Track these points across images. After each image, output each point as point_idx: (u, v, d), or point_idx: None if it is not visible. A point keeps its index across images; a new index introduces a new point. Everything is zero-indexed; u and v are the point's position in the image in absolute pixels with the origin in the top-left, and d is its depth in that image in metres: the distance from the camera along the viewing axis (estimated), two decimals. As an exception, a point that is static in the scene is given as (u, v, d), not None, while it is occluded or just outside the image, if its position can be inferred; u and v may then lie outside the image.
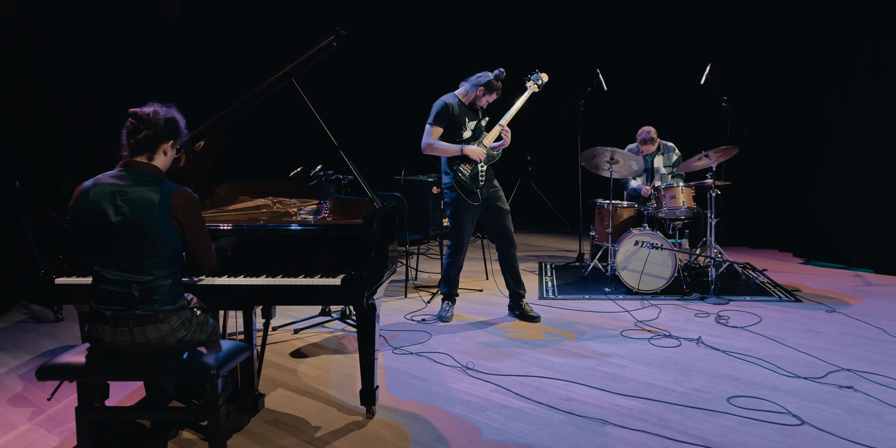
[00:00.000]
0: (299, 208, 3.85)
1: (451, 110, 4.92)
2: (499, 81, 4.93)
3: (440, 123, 4.94)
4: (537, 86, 5.27)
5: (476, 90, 4.92)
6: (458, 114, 4.94)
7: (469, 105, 5.00)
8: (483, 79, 4.90)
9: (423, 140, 4.97)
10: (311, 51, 3.50)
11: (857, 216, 6.83)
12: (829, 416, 3.38)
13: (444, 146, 4.94)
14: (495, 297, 5.90)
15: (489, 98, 4.97)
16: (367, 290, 3.17)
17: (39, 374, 2.70)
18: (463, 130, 4.98)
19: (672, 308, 5.44)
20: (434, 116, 4.94)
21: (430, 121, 4.95)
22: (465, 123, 4.98)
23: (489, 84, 4.89)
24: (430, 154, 5.03)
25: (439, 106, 4.94)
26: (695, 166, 5.90)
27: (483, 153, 4.95)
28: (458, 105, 4.95)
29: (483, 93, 4.92)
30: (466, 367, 4.16)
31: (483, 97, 4.95)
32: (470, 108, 5.03)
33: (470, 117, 5.02)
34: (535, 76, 5.27)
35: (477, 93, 4.93)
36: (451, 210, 5.09)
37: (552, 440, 3.20)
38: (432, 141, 4.94)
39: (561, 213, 9.62)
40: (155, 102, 2.82)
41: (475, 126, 5.05)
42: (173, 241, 2.72)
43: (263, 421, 3.45)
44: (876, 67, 6.59)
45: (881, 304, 5.51)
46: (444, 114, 4.92)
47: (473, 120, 5.05)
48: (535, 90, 5.28)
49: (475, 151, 4.91)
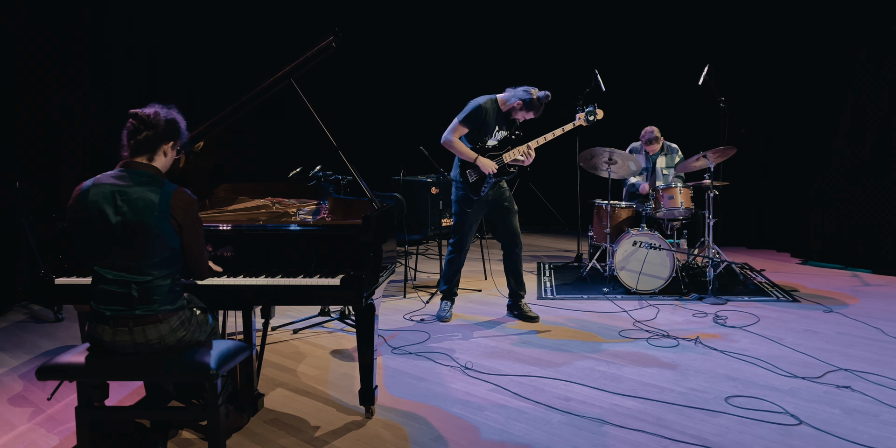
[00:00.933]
0: (298, 209, 3.87)
1: (483, 114, 4.86)
2: (541, 103, 4.82)
3: (468, 124, 4.90)
4: (587, 121, 5.13)
5: (515, 102, 4.83)
6: (489, 119, 4.89)
7: (506, 113, 4.92)
8: (527, 95, 4.79)
9: (445, 133, 4.93)
10: (310, 52, 3.51)
11: (855, 216, 6.85)
12: (827, 416, 3.40)
13: (461, 148, 4.91)
14: (494, 297, 5.92)
15: (525, 114, 4.88)
16: (366, 291, 3.17)
17: (39, 373, 2.71)
18: (488, 137, 4.94)
19: (670, 308, 5.45)
20: (465, 115, 4.89)
21: (460, 118, 4.90)
22: (494, 131, 4.94)
23: (530, 102, 4.80)
24: (448, 148, 5.01)
25: (473, 106, 4.88)
26: (693, 167, 5.91)
27: (494, 168, 4.90)
28: (493, 110, 4.89)
29: (520, 107, 4.83)
30: (465, 366, 4.17)
31: (519, 111, 4.86)
32: (505, 117, 4.95)
33: (501, 126, 4.96)
34: (590, 110, 5.13)
35: (515, 105, 4.84)
36: (457, 207, 5.10)
37: (551, 440, 3.21)
38: (453, 138, 4.91)
39: (559, 214, 9.63)
40: (156, 103, 2.83)
41: (503, 137, 4.99)
42: (172, 242, 2.72)
43: (263, 421, 3.45)
44: (875, 68, 6.60)
45: (879, 304, 5.53)
46: (474, 115, 4.87)
47: (504, 130, 4.98)
48: (583, 124, 5.14)
49: (487, 165, 4.88)
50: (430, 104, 4.91)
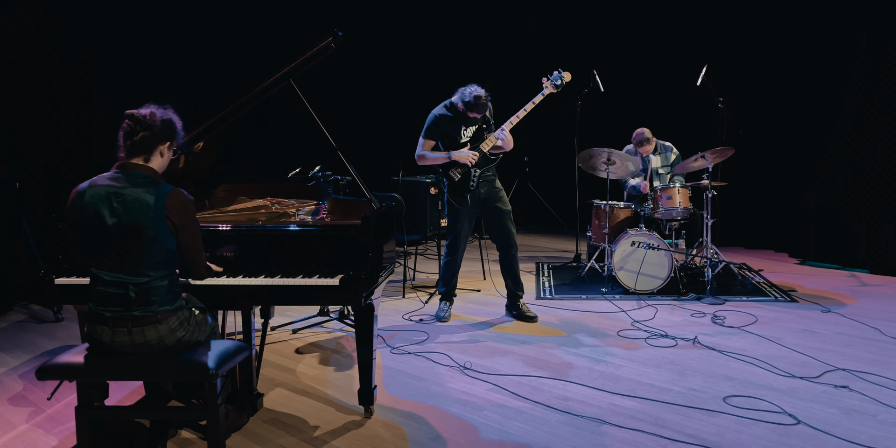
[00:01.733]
0: (298, 209, 3.87)
1: (443, 121, 4.95)
2: (478, 102, 4.78)
3: (431, 136, 4.99)
4: (555, 86, 5.07)
5: (460, 106, 4.87)
6: (450, 123, 4.95)
7: (464, 112, 4.93)
8: (466, 96, 4.79)
9: (415, 152, 5.02)
10: (309, 52, 3.52)
11: (853, 217, 6.86)
12: (825, 416, 3.40)
13: (433, 156, 4.98)
14: (493, 297, 5.92)
15: (473, 114, 4.89)
16: (365, 291, 3.18)
17: (39, 373, 2.71)
18: (459, 138, 4.99)
19: (668, 308, 5.46)
20: (425, 130, 5.00)
21: (423, 134, 5.01)
22: (461, 131, 4.98)
23: (468, 104, 4.80)
24: (424, 164, 5.06)
25: (430, 120, 4.99)
26: (691, 167, 5.92)
27: (474, 156, 4.92)
28: (450, 113, 4.95)
29: (463, 109, 4.86)
30: (464, 366, 4.17)
31: (467, 111, 4.87)
32: (466, 116, 4.96)
33: (468, 123, 4.99)
34: (556, 76, 5.08)
35: (461, 108, 4.87)
36: (449, 209, 5.12)
37: (549, 439, 3.22)
38: (423, 152, 5.00)
39: (558, 214, 9.64)
40: (152, 104, 2.82)
41: (475, 131, 5.03)
42: (169, 243, 2.72)
43: (262, 420, 3.46)
44: (872, 69, 6.61)
45: (876, 304, 5.54)
46: (433, 127, 4.97)
47: (473, 124, 5.02)
48: (553, 91, 5.08)
49: (463, 156, 4.91)
50: (429, 105, 4.91)
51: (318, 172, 4.71)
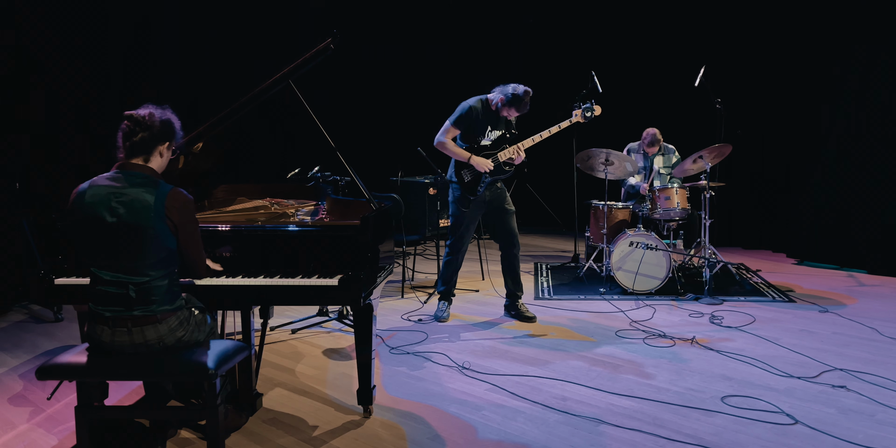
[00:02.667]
0: (297, 209, 3.88)
1: (474, 114, 4.91)
2: (522, 99, 4.81)
3: (458, 125, 4.96)
4: (584, 117, 5.09)
5: (499, 100, 4.88)
6: (480, 119, 4.93)
7: (495, 112, 4.95)
8: (509, 91, 4.82)
9: (437, 135, 4.99)
10: (308, 53, 3.53)
11: (850, 217, 6.87)
12: (823, 416, 3.42)
13: (454, 149, 4.96)
14: (492, 297, 5.93)
15: (510, 111, 4.90)
16: (364, 291, 3.19)
17: (39, 373, 2.72)
18: (481, 137, 4.98)
19: (666, 308, 5.47)
20: (455, 117, 4.95)
21: (451, 120, 4.96)
22: (487, 131, 4.97)
23: (511, 99, 4.81)
24: (440, 151, 5.05)
25: (463, 108, 4.94)
26: (689, 169, 5.94)
27: (490, 165, 4.93)
28: (483, 110, 4.94)
29: (503, 103, 4.86)
30: (463, 366, 4.18)
31: (504, 108, 4.88)
32: (496, 116, 4.98)
33: (494, 125, 4.99)
34: (587, 106, 5.09)
35: (499, 102, 4.88)
36: (454, 208, 5.12)
37: (548, 439, 3.23)
38: (445, 140, 4.97)
39: (556, 214, 9.65)
40: (150, 105, 2.83)
41: (498, 137, 5.02)
42: (169, 242, 2.73)
43: (261, 420, 3.47)
44: (869, 70, 6.63)
45: (874, 304, 5.55)
46: (464, 117, 4.93)
47: (498, 129, 5.02)
48: (580, 121, 5.11)
49: (481, 163, 4.90)
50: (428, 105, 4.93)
51: (317, 173, 4.71)
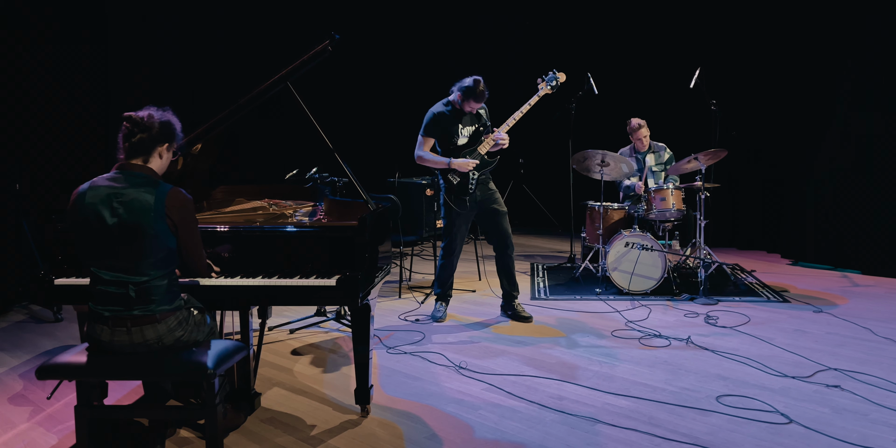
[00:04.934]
0: (295, 210, 3.89)
1: (441, 119, 4.96)
2: (476, 88, 4.80)
3: (430, 134, 5.00)
4: (551, 87, 5.12)
5: (457, 96, 4.91)
6: (448, 122, 4.97)
7: (460, 110, 4.99)
8: (463, 85, 4.85)
9: (415, 150, 5.04)
10: (306, 55, 3.54)
11: (845, 218, 6.90)
12: (817, 415, 3.44)
13: (433, 158, 4.99)
14: (488, 297, 5.95)
15: (470, 105, 4.91)
16: (362, 291, 3.20)
17: (39, 373, 2.73)
18: (456, 137, 5.01)
19: (662, 308, 5.50)
20: (423, 128, 5.01)
21: (422, 132, 5.02)
22: (459, 130, 5.01)
23: (466, 91, 4.83)
24: (421, 165, 5.09)
25: (428, 117, 5.00)
26: (684, 169, 5.96)
27: (472, 164, 4.96)
28: (448, 112, 4.97)
29: (462, 98, 4.88)
30: (459, 366, 4.20)
31: (464, 103, 4.90)
32: (463, 114, 5.01)
33: (465, 123, 5.02)
34: (551, 77, 5.12)
35: (458, 98, 4.91)
36: (445, 211, 5.14)
37: (544, 438, 3.25)
38: (422, 153, 5.01)
39: (552, 215, 9.67)
40: (151, 106, 2.85)
41: (472, 132, 5.05)
42: (169, 242, 2.75)
43: (260, 419, 3.48)
44: (864, 71, 6.66)
45: (868, 304, 5.58)
46: (432, 124, 4.98)
47: (470, 125, 5.05)
48: (548, 92, 5.14)
49: (462, 164, 4.94)
50: (425, 106, 4.94)
51: (314, 174, 4.73)
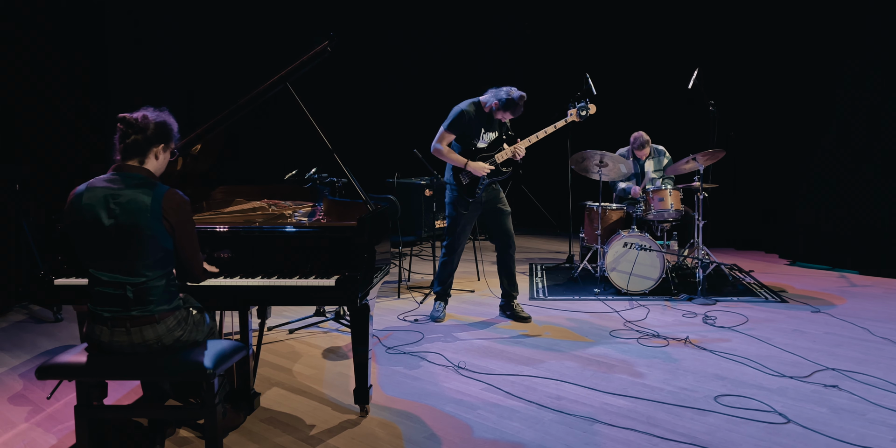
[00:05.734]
0: (294, 210, 3.90)
1: (467, 118, 4.93)
2: (518, 103, 4.82)
3: (453, 130, 4.97)
4: (579, 116, 5.13)
5: (493, 103, 4.89)
6: (473, 122, 4.95)
7: (488, 115, 4.97)
8: (504, 95, 4.83)
9: (433, 142, 5.02)
10: (305, 56, 3.55)
11: (842, 218, 6.92)
12: (815, 415, 3.45)
13: (451, 155, 4.99)
14: (487, 297, 5.96)
15: (504, 115, 4.92)
16: (361, 291, 3.21)
17: (39, 373, 2.74)
18: (476, 140, 5.00)
19: (660, 308, 5.51)
20: (448, 122, 4.97)
21: (445, 125, 4.99)
22: (481, 134, 5.00)
23: (506, 103, 4.83)
24: (437, 157, 5.09)
25: (455, 113, 4.96)
26: (683, 169, 5.97)
27: (487, 169, 4.97)
28: (475, 113, 4.95)
29: (498, 107, 4.88)
30: (458, 366, 4.21)
31: (498, 112, 4.91)
32: (489, 119, 4.99)
33: (488, 128, 5.01)
34: (582, 105, 5.13)
35: (493, 106, 4.90)
36: (450, 209, 5.15)
37: (542, 438, 3.26)
38: (441, 146, 4.99)
39: (551, 215, 9.68)
40: (147, 107, 2.85)
41: (494, 139, 5.05)
42: (166, 243, 2.75)
43: (259, 419, 3.49)
44: (862, 72, 6.67)
45: (865, 304, 5.59)
46: (458, 121, 4.95)
47: (493, 131, 5.04)
48: (575, 120, 5.14)
49: (478, 168, 4.94)
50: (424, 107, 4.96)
51: (314, 174, 4.74)
